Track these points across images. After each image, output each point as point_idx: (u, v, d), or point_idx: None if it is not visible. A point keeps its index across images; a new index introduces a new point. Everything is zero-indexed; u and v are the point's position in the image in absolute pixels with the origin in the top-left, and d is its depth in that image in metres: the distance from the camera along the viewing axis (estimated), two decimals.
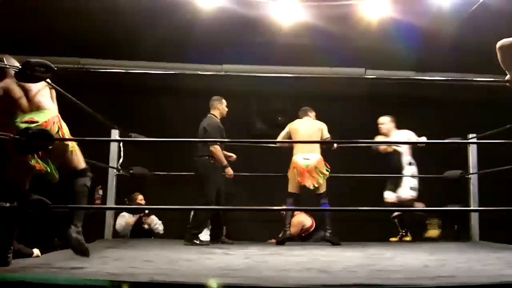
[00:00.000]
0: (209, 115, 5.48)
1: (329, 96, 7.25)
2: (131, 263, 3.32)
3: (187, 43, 6.79)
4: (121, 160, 5.40)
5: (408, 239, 5.89)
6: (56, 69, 2.98)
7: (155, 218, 6.39)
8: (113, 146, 5.42)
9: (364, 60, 7.09)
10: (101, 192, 6.11)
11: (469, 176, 5.57)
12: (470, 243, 5.34)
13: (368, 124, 6.22)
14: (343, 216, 6.22)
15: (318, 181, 5.29)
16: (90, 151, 3.62)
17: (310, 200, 5.55)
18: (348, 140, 6.50)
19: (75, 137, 3.32)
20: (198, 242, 5.03)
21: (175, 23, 6.26)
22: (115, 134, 5.33)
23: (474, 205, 5.46)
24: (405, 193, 5.79)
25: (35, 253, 3.62)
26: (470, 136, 5.55)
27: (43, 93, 3.16)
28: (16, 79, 2.97)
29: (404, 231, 5.95)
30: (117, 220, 6.16)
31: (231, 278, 2.78)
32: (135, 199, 6.27)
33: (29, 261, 3.27)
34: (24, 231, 3.48)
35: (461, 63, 6.70)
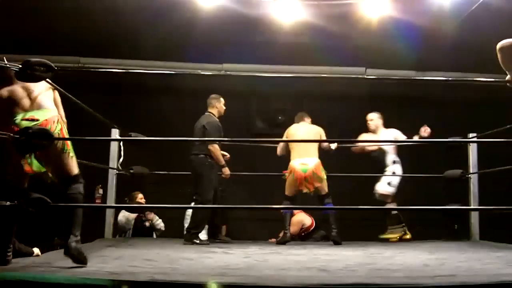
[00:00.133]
0: (207, 114, 5.44)
1: (329, 96, 7.25)
2: (131, 262, 3.32)
3: (187, 43, 6.78)
4: (121, 160, 5.39)
5: (408, 237, 5.85)
6: (56, 68, 2.98)
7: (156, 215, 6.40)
8: (113, 145, 5.42)
9: (364, 59, 7.09)
10: (101, 191, 6.11)
11: (469, 175, 5.57)
12: (470, 242, 5.34)
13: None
14: (343, 216, 6.21)
15: (315, 186, 5.25)
16: (90, 150, 3.63)
17: (310, 200, 5.55)
18: (348, 139, 6.48)
19: (75, 136, 3.32)
20: (198, 241, 5.04)
21: (175, 22, 6.26)
22: (115, 133, 5.33)
23: (474, 205, 5.46)
24: (381, 188, 5.75)
25: (35, 252, 3.63)
26: (470, 135, 5.55)
27: (45, 94, 3.18)
28: (17, 78, 2.98)
29: (402, 228, 5.89)
30: (119, 215, 6.18)
31: (231, 277, 2.78)
32: (135, 197, 6.27)
33: (29, 260, 3.26)
34: (24, 230, 3.49)
35: (461, 62, 6.70)
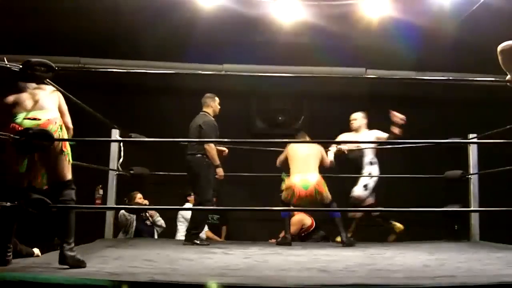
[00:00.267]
0: (202, 113, 5.41)
1: (329, 96, 7.25)
2: (131, 262, 3.32)
3: (187, 43, 6.78)
4: (121, 160, 5.39)
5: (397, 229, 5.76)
6: (56, 68, 2.98)
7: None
8: (114, 146, 5.41)
9: (364, 59, 7.08)
10: (101, 191, 6.11)
11: (470, 176, 5.56)
12: (470, 243, 5.33)
13: (368, 123, 6.20)
14: (342, 216, 6.20)
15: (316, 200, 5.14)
16: (90, 150, 3.63)
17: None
18: (348, 141, 6.46)
19: (74, 137, 3.32)
20: (198, 242, 5.03)
21: (175, 22, 6.25)
22: (115, 133, 5.33)
23: (474, 205, 5.45)
24: (357, 191, 5.70)
25: (35, 252, 3.63)
26: (471, 136, 5.54)
27: (49, 97, 3.19)
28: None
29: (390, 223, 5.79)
30: (120, 211, 6.16)
31: (231, 277, 2.78)
32: (134, 198, 6.26)
33: (29, 260, 3.26)
34: (24, 230, 3.49)
35: (461, 62, 6.70)
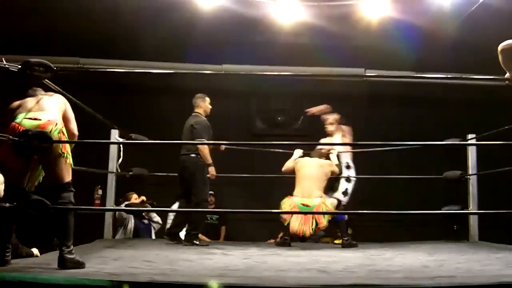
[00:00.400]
0: (194, 114, 5.40)
1: (328, 96, 7.23)
2: (130, 263, 3.32)
3: (187, 43, 6.78)
4: (120, 160, 5.38)
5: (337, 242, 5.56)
6: (55, 69, 2.98)
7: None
8: (113, 146, 5.40)
9: (364, 59, 7.09)
10: (100, 192, 6.10)
11: (469, 176, 5.56)
12: (470, 243, 5.33)
13: (368, 124, 6.21)
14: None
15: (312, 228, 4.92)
16: (90, 150, 3.63)
17: None
18: (348, 143, 6.46)
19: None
20: (197, 242, 5.03)
21: (175, 22, 6.26)
22: (114, 134, 5.32)
23: (473, 206, 5.45)
24: (338, 197, 5.49)
25: (34, 253, 3.63)
26: (470, 136, 5.53)
27: (52, 100, 3.17)
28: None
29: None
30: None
31: (230, 278, 2.78)
32: (129, 198, 6.27)
33: (28, 260, 3.26)
34: (23, 230, 3.49)
35: (461, 63, 6.69)
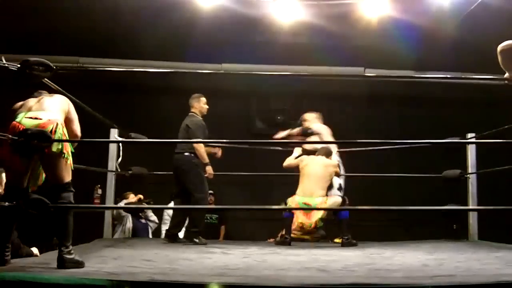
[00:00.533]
0: (190, 114, 5.41)
1: (328, 95, 7.25)
2: (130, 262, 3.31)
3: (186, 42, 6.78)
4: (120, 159, 5.38)
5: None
6: (55, 68, 2.98)
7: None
8: (112, 145, 5.40)
9: (363, 59, 7.09)
10: (100, 191, 6.10)
11: (468, 175, 5.56)
12: (469, 242, 5.32)
13: (367, 123, 6.22)
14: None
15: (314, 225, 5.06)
16: (90, 149, 3.63)
17: None
18: (347, 140, 6.47)
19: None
20: (197, 240, 5.03)
21: (175, 22, 6.26)
22: (114, 133, 5.32)
23: (472, 205, 5.44)
24: (335, 194, 5.45)
25: (34, 252, 3.63)
26: (469, 135, 5.53)
27: (53, 101, 3.15)
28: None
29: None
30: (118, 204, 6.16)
31: (230, 277, 2.78)
32: (127, 197, 6.28)
33: (28, 260, 3.26)
34: (22, 230, 3.49)
35: (460, 62, 6.70)
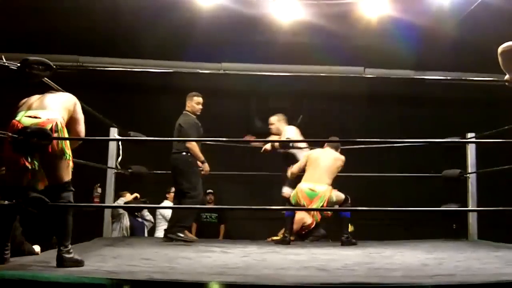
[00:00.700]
0: (184, 112, 5.42)
1: (328, 95, 7.26)
2: (129, 261, 3.31)
3: (186, 42, 6.79)
4: (119, 158, 5.38)
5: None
6: (55, 67, 2.98)
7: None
8: (112, 144, 5.40)
9: (363, 58, 7.10)
10: (99, 190, 6.11)
11: (468, 175, 5.56)
12: (469, 241, 5.33)
13: (367, 123, 6.22)
14: None
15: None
16: (89, 148, 3.62)
17: None
18: (347, 139, 6.47)
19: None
20: (182, 235, 4.92)
21: (175, 22, 6.26)
22: (114, 132, 5.32)
23: (472, 204, 5.44)
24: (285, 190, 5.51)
25: (36, 250, 3.62)
26: (469, 135, 5.54)
27: (56, 99, 3.13)
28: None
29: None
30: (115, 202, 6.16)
31: (230, 276, 2.79)
32: (123, 196, 6.29)
33: (27, 258, 3.26)
34: (26, 228, 3.50)
35: (460, 62, 6.71)
